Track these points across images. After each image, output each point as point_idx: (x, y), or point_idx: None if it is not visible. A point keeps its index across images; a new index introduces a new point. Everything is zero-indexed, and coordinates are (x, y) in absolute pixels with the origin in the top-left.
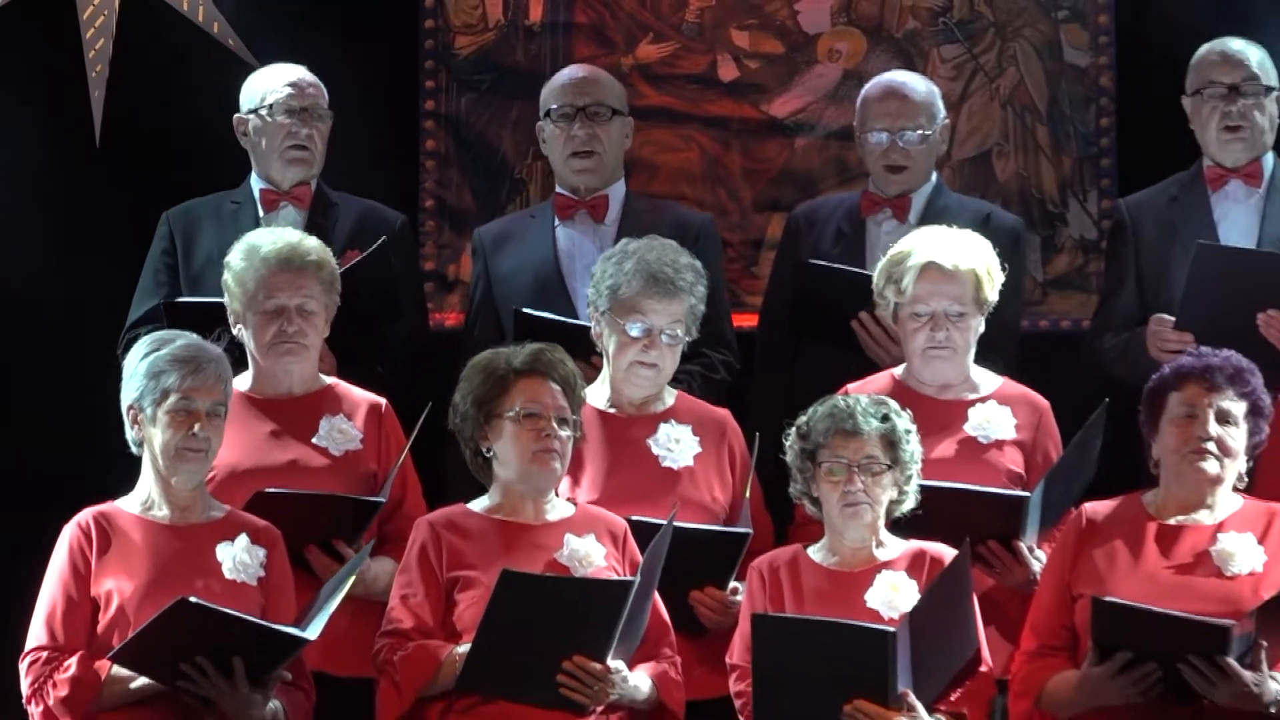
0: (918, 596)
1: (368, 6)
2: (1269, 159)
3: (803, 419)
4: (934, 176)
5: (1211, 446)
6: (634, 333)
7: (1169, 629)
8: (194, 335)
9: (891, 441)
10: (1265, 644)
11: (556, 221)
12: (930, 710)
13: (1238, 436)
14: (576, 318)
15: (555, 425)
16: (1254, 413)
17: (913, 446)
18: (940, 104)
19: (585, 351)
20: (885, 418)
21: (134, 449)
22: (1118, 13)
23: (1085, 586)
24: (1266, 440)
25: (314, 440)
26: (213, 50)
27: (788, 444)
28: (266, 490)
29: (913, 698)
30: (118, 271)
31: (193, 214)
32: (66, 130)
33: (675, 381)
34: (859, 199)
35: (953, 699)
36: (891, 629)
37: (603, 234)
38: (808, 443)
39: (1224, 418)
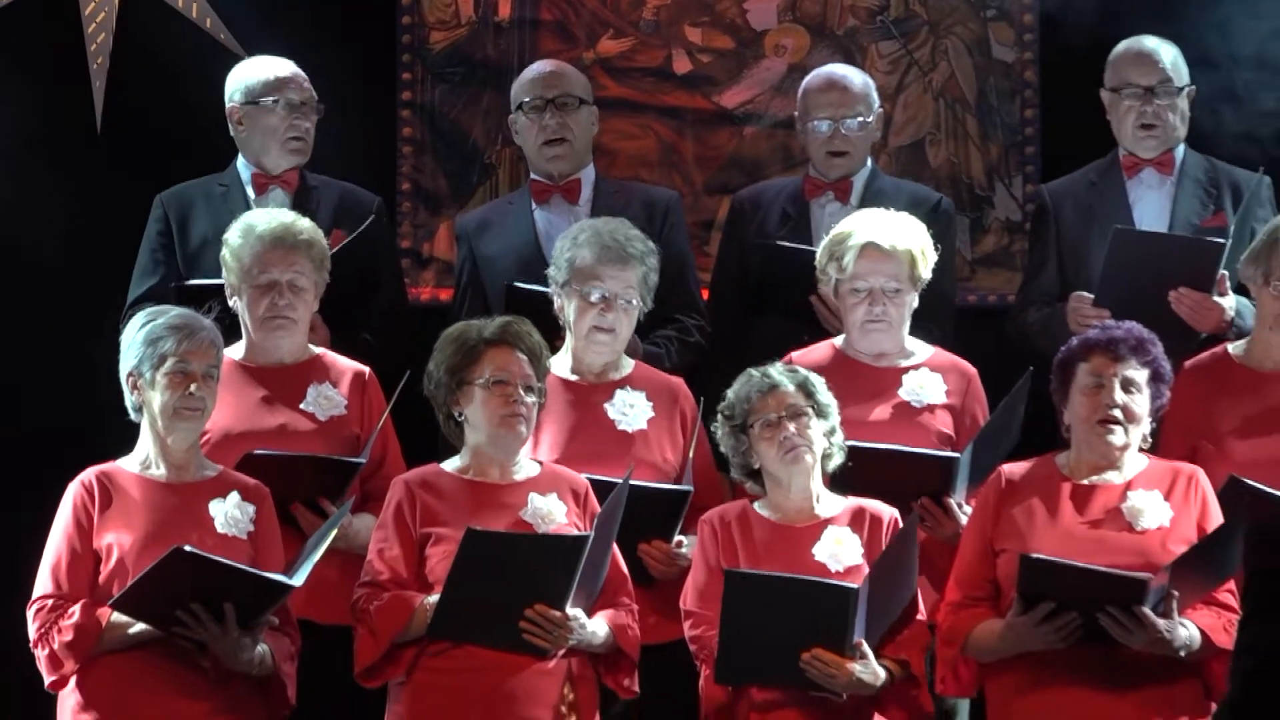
0: (860, 550)
1: (349, 4)
2: (1180, 149)
3: (723, 403)
4: (869, 162)
5: (1117, 414)
6: (593, 298)
7: (1090, 582)
8: (186, 309)
9: (809, 391)
10: (1177, 595)
11: (534, 205)
12: (877, 656)
13: (1141, 402)
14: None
15: (522, 392)
16: (1155, 379)
17: (827, 396)
18: (875, 95)
19: (554, 326)
20: (795, 372)
21: (133, 415)
22: (1041, 12)
23: (1006, 542)
24: (1168, 403)
25: (301, 406)
26: (205, 43)
27: (719, 432)
28: (255, 452)
29: (866, 647)
30: (118, 249)
31: (185, 197)
32: (70, 118)
33: (652, 346)
34: (801, 183)
35: (895, 646)
36: (855, 586)
37: (577, 214)
38: (735, 417)
39: (1128, 386)
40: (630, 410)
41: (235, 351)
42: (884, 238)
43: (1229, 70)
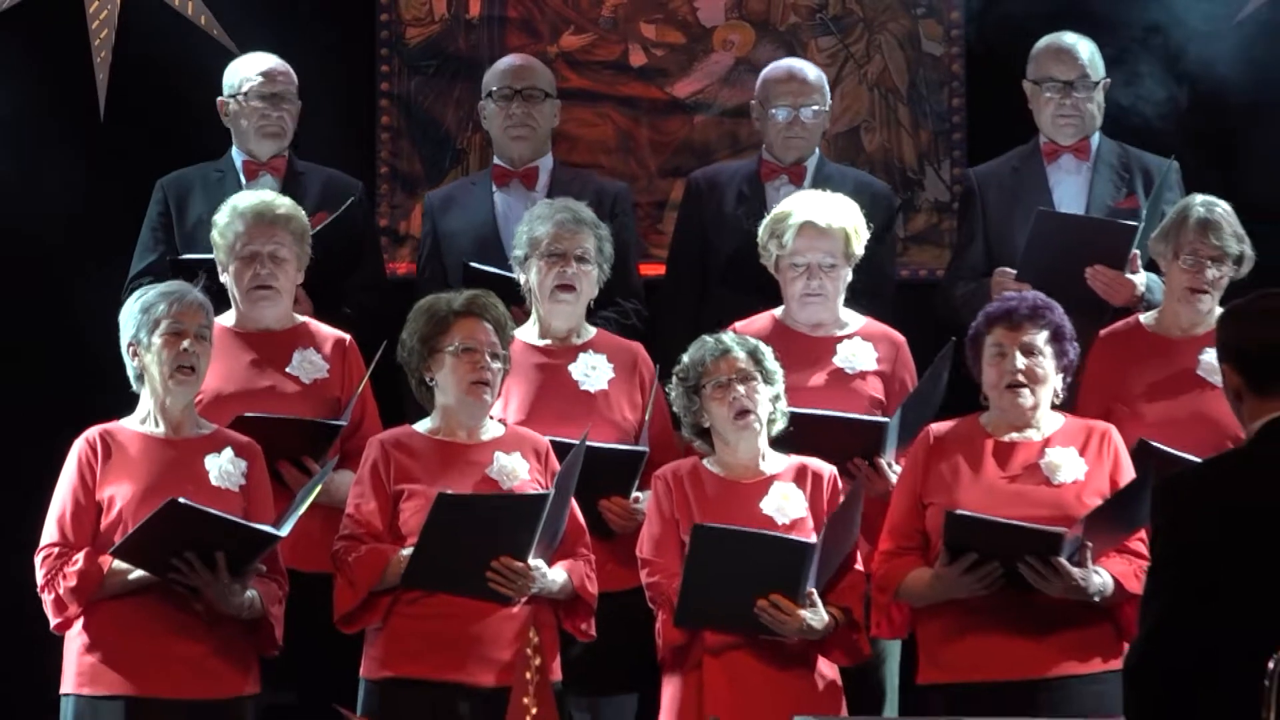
0: (805, 504)
1: (332, 3)
2: (1095, 137)
3: (678, 367)
4: (818, 152)
5: (1021, 378)
6: (550, 248)
7: (1010, 535)
8: (178, 280)
9: (757, 358)
10: (1091, 545)
11: (494, 188)
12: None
13: (1045, 364)
14: (511, 271)
15: (488, 359)
16: (1056, 339)
17: (774, 365)
18: (828, 87)
19: (519, 299)
20: (745, 341)
21: (134, 385)
22: (967, 9)
23: (934, 496)
24: (1074, 361)
25: (287, 370)
26: (199, 39)
27: (673, 394)
28: (245, 415)
29: (816, 596)
30: (122, 230)
31: (183, 182)
32: (76, 108)
33: (593, 323)
34: (756, 166)
35: (837, 592)
36: (813, 542)
37: (533, 199)
38: (689, 379)
39: (1029, 350)
40: (593, 372)
41: (226, 319)
42: (821, 217)
43: (1138, 61)
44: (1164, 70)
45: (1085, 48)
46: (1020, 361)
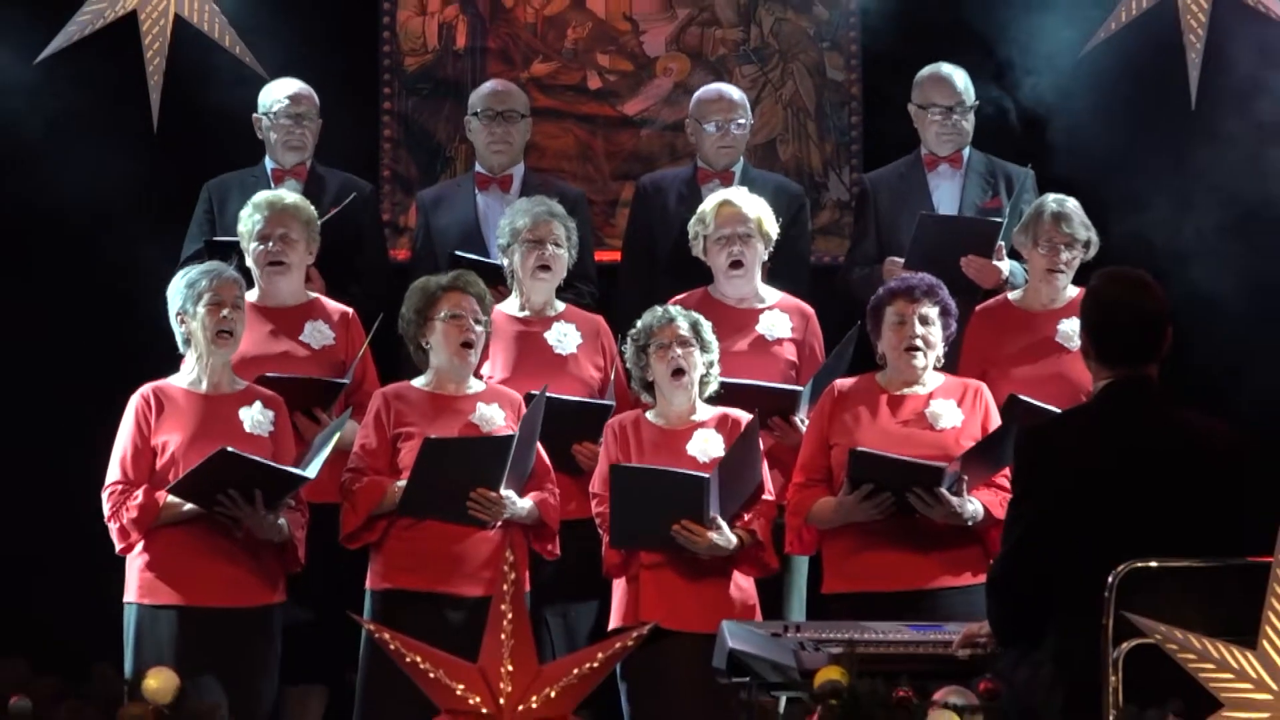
0: (723, 446)
1: (344, 36)
2: (967, 149)
3: (632, 331)
4: (742, 159)
5: (918, 343)
6: (529, 236)
7: (902, 469)
8: (215, 260)
9: (697, 329)
10: (965, 479)
11: (476, 190)
12: (731, 528)
13: (935, 333)
14: (489, 258)
15: (472, 323)
16: (943, 314)
17: (711, 337)
18: (749, 106)
19: (495, 281)
20: (689, 314)
21: (181, 347)
22: (863, 44)
23: (838, 438)
24: (954, 333)
25: (300, 338)
26: (235, 65)
27: (627, 353)
28: (267, 374)
29: (720, 519)
30: (171, 225)
31: (224, 185)
32: (132, 120)
33: (561, 299)
34: (693, 172)
35: (746, 519)
36: (706, 475)
37: (509, 200)
38: (639, 341)
39: (924, 320)
40: (564, 338)
41: (250, 296)
42: (735, 197)
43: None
44: (1019, 92)
45: (960, 78)
46: (917, 329)
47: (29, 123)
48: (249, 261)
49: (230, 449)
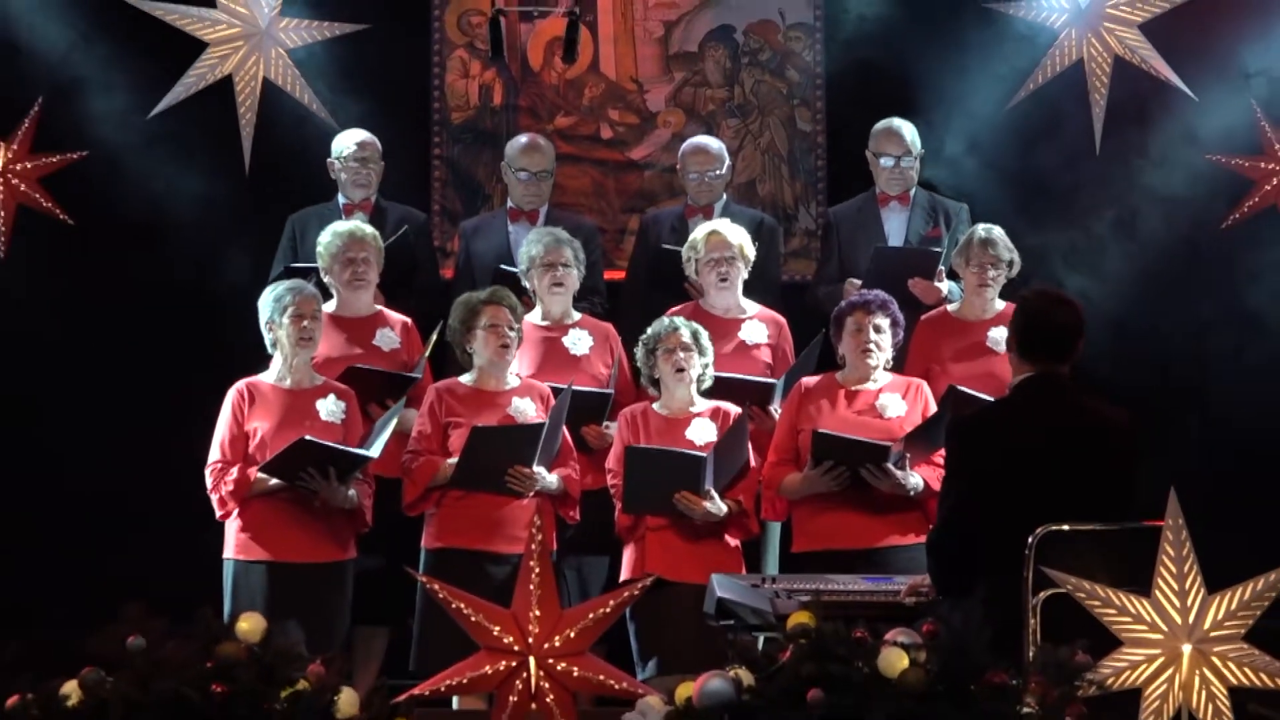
0: (716, 433)
1: (402, 95)
2: (913, 189)
3: (643, 336)
4: (724, 195)
5: (872, 347)
6: (546, 260)
7: (856, 448)
8: (296, 279)
9: (696, 337)
10: (908, 456)
11: (509, 223)
12: (721, 499)
13: (885, 339)
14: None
15: (507, 331)
16: (893, 324)
17: (707, 343)
18: (728, 155)
19: (525, 293)
20: (690, 324)
21: (270, 349)
22: (827, 102)
23: (804, 424)
24: (901, 340)
25: (372, 342)
26: (311, 116)
27: (638, 354)
28: (355, 366)
29: (713, 491)
30: (260, 251)
31: (304, 217)
32: (228, 165)
33: (577, 309)
34: (683, 209)
35: (733, 491)
36: (703, 455)
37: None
38: (649, 345)
39: (877, 329)
40: (579, 342)
41: (329, 308)
42: (721, 228)
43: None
44: (957, 142)
45: (909, 131)
46: (871, 336)
47: (147, 164)
48: (329, 280)
49: (308, 437)
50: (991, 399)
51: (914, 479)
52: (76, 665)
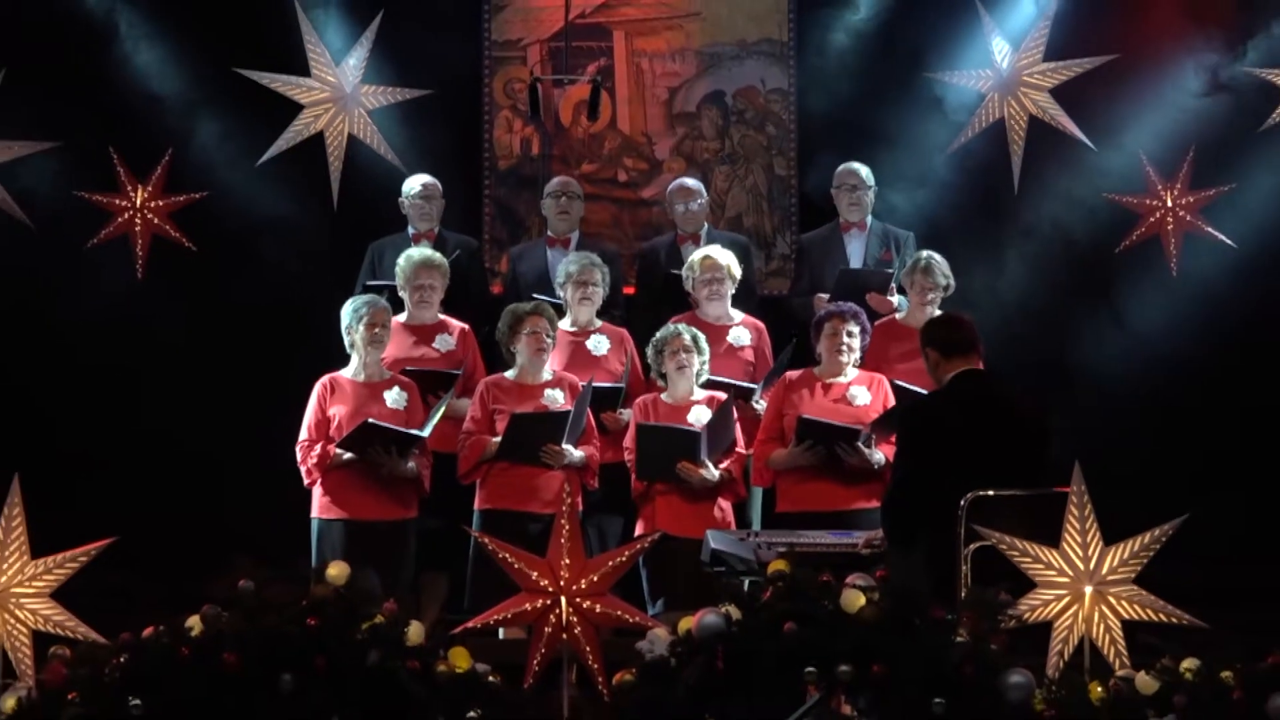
0: (709, 416)
1: (458, 147)
2: (869, 219)
3: (654, 339)
4: (705, 224)
5: (845, 349)
6: (578, 278)
7: (832, 431)
8: (373, 295)
9: (695, 340)
10: (874, 437)
11: (547, 248)
12: (715, 468)
13: (856, 343)
14: (555, 296)
15: (544, 337)
16: (862, 331)
17: (705, 345)
18: (704, 190)
19: (559, 308)
20: (690, 329)
21: (349, 350)
22: (800, 152)
23: (788, 410)
24: (869, 343)
25: (433, 345)
26: (386, 163)
27: (649, 354)
28: (410, 368)
29: (708, 462)
30: (345, 271)
31: (381, 245)
32: (318, 201)
33: (600, 318)
34: (674, 237)
35: (725, 464)
36: (699, 432)
37: (567, 254)
38: (658, 346)
39: (849, 334)
40: (599, 345)
41: (400, 317)
42: (712, 252)
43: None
44: (905, 182)
45: (864, 170)
46: (845, 340)
47: (255, 202)
48: (402, 294)
49: (370, 420)
50: (925, 391)
51: (878, 455)
52: (198, 604)
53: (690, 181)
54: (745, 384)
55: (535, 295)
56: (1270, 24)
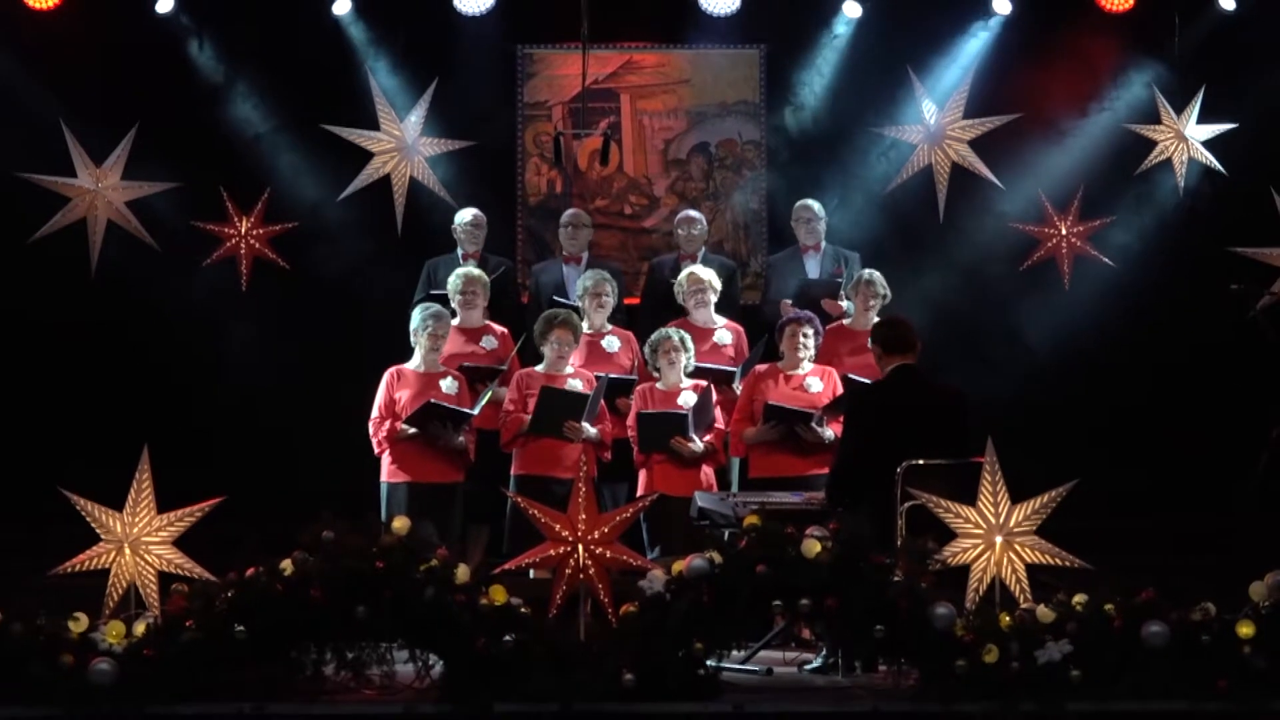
0: (696, 400)
1: (498, 187)
2: (823, 242)
3: (650, 340)
4: (703, 247)
5: (802, 348)
6: (593, 291)
7: (792, 414)
8: (433, 303)
9: (683, 340)
10: (825, 417)
11: (564, 266)
12: (700, 441)
13: (811, 343)
14: (572, 302)
15: (569, 341)
16: (816, 334)
17: (691, 345)
18: (705, 220)
19: (579, 314)
20: (678, 332)
21: (413, 345)
22: (768, 191)
23: (758, 396)
24: (822, 343)
25: (480, 344)
26: (440, 200)
27: (646, 352)
28: (464, 365)
29: (695, 436)
30: (405, 284)
31: (436, 263)
32: (385, 229)
33: (610, 322)
34: (677, 256)
35: (709, 439)
36: (686, 413)
37: (580, 270)
38: (653, 346)
39: (806, 336)
40: (612, 343)
41: (454, 322)
42: (698, 270)
43: (841, 212)
44: (853, 213)
45: (817, 206)
46: (802, 340)
47: (336, 230)
48: (453, 304)
49: (433, 400)
50: (870, 381)
51: (828, 433)
52: (289, 549)
53: (693, 213)
54: (727, 368)
55: (555, 299)
56: (1137, 85)
